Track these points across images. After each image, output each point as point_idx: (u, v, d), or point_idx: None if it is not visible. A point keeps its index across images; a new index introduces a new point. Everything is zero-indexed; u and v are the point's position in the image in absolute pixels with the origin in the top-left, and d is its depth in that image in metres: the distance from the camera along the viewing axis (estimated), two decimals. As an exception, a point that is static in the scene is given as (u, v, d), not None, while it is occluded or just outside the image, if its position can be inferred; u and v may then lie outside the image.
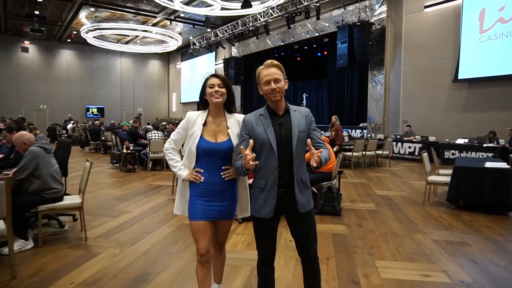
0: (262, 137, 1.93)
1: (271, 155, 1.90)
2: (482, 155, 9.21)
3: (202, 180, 2.05)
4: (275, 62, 1.94)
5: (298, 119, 1.95)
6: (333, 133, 9.08)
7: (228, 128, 2.10)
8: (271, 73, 1.89)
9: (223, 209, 2.09)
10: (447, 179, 5.10)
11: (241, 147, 1.84)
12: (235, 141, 2.08)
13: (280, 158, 1.90)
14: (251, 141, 1.83)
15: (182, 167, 2.11)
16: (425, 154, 5.36)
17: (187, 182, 2.10)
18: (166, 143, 2.19)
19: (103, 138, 12.42)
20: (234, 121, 2.14)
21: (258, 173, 1.98)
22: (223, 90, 2.06)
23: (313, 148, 1.78)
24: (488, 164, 4.92)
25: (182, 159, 2.17)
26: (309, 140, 1.83)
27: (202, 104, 2.17)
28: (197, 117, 2.12)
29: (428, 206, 5.15)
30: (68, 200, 3.54)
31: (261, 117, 1.98)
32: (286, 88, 1.98)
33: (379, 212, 4.79)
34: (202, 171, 2.06)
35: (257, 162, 1.80)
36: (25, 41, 22.65)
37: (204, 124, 2.09)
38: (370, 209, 4.98)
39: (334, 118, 9.39)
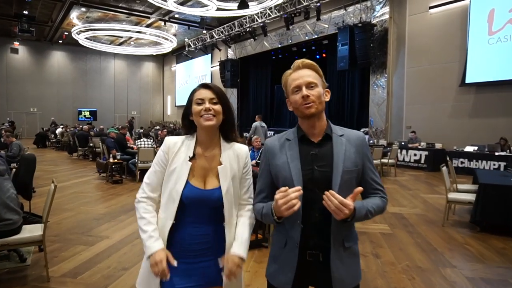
0: (282, 174, 1.31)
1: None
2: (494, 165, 8.67)
3: (167, 279, 1.34)
4: (308, 61, 1.32)
5: (345, 150, 1.29)
6: None
7: (220, 163, 1.44)
8: (302, 75, 1.30)
9: (210, 271, 1.44)
10: (470, 197, 4.51)
11: (282, 189, 1.18)
12: (226, 185, 1.41)
13: (307, 209, 1.27)
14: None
15: (155, 235, 1.37)
16: (444, 169, 4.78)
17: None
18: (139, 191, 1.46)
19: (91, 144, 11.74)
20: (232, 155, 1.47)
21: (280, 224, 1.36)
22: (217, 107, 1.40)
23: (354, 198, 1.18)
24: (518, 181, 4.35)
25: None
26: (359, 188, 1.20)
27: (187, 127, 1.49)
28: (180, 147, 1.45)
29: (448, 228, 4.56)
30: (26, 232, 2.90)
31: (287, 144, 1.36)
32: (327, 99, 1.34)
33: (395, 237, 4.20)
34: (175, 264, 1.35)
35: (299, 204, 1.16)
36: (14, 42, 21.98)
37: (192, 158, 1.43)
38: (384, 232, 4.38)
39: None
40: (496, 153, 8.70)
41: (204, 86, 1.44)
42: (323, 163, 1.28)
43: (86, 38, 19.72)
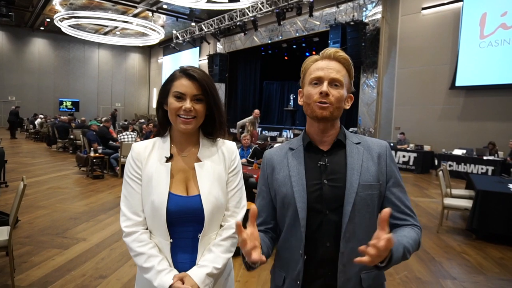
0: (282, 191, 1.04)
1: (295, 229, 1.01)
2: (482, 169, 8.67)
3: None
4: (342, 53, 1.04)
5: (361, 161, 1.02)
6: None
7: (199, 160, 1.15)
8: (329, 67, 1.02)
9: None
10: (466, 203, 4.39)
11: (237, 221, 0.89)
12: (206, 186, 1.12)
13: (313, 237, 1.00)
14: (252, 208, 0.91)
15: (162, 267, 1.07)
16: (441, 174, 4.64)
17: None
18: (121, 218, 1.13)
19: (71, 136, 11.24)
20: (215, 151, 1.19)
21: (278, 256, 1.11)
22: (200, 107, 1.10)
23: (385, 228, 0.83)
24: (515, 188, 4.23)
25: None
26: (387, 210, 0.83)
27: (162, 118, 1.18)
28: (151, 149, 1.16)
29: (443, 235, 4.42)
30: (-11, 237, 2.58)
31: (290, 154, 1.09)
32: (347, 107, 1.07)
33: (390, 244, 4.02)
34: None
35: (264, 259, 0.88)
36: (-8, 27, 21.01)
37: (170, 159, 1.14)
38: (379, 238, 4.20)
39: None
40: (485, 157, 8.70)
41: (187, 74, 1.10)
42: (334, 177, 1.01)
43: (69, 25, 18.98)
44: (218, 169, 1.16)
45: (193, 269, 1.08)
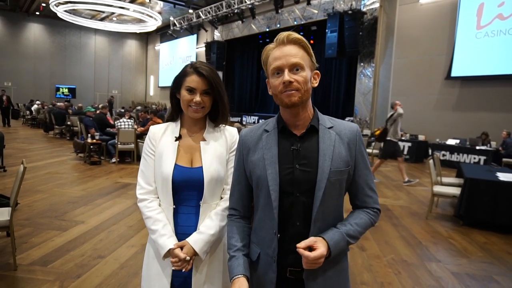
0: (257, 172, 1.11)
1: (269, 209, 1.08)
2: (474, 158, 8.81)
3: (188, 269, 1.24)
4: (295, 35, 1.06)
5: (333, 146, 1.08)
6: None
7: (204, 139, 1.35)
8: (285, 54, 1.04)
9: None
10: (455, 191, 4.52)
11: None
12: (208, 161, 1.31)
13: (286, 217, 1.07)
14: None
15: (165, 232, 1.27)
16: (431, 162, 4.75)
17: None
18: (137, 187, 1.36)
19: (68, 122, 11.27)
20: (218, 134, 1.39)
21: (254, 232, 1.18)
22: (208, 99, 1.31)
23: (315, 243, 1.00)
24: (502, 177, 4.35)
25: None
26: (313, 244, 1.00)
27: (175, 105, 1.38)
28: (165, 131, 1.38)
29: (432, 221, 4.56)
30: (-9, 217, 2.67)
31: (265, 136, 1.14)
32: (316, 84, 1.10)
33: (380, 229, 4.15)
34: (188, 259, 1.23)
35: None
36: (-13, 12, 20.72)
37: (179, 138, 1.36)
38: (369, 223, 4.33)
39: None
40: (477, 147, 8.83)
41: (198, 72, 1.29)
42: (306, 161, 1.07)
43: (65, 11, 18.75)
44: (220, 149, 1.35)
45: (193, 236, 1.26)
